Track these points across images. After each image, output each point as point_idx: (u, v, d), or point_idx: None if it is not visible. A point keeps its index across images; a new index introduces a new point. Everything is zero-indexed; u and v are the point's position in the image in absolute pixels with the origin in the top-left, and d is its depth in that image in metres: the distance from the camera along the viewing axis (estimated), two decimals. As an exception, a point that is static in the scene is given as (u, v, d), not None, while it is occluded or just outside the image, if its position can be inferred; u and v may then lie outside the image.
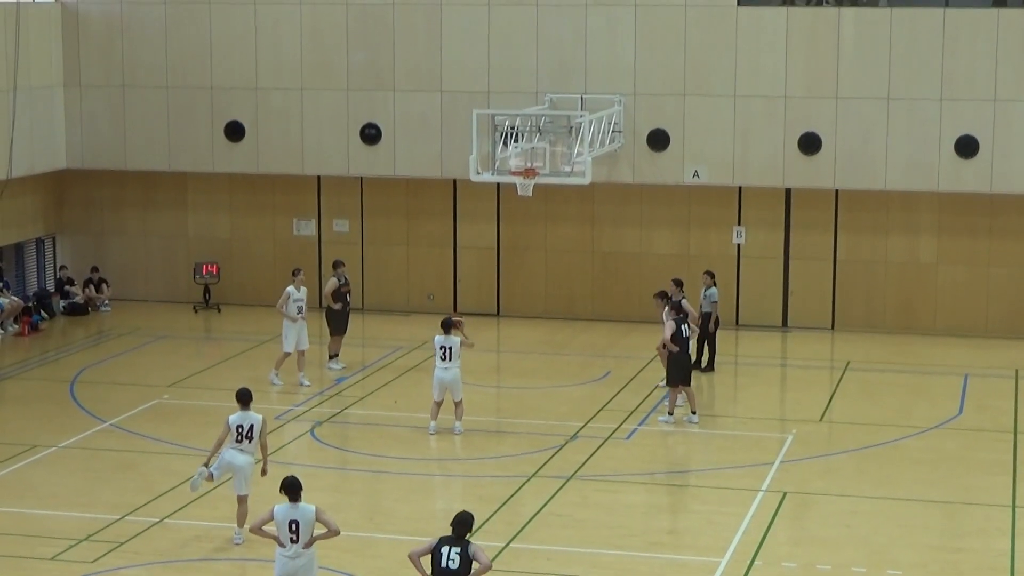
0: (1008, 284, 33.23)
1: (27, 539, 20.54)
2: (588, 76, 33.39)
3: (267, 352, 31.81)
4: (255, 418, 20.21)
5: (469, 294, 35.58)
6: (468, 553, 15.83)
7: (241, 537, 20.34)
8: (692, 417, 26.43)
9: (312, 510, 16.85)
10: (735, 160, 33.14)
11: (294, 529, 16.74)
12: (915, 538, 20.82)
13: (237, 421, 20.17)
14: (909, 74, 32.26)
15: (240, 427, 20.15)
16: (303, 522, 16.77)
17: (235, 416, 20.23)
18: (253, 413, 20.29)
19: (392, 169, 34.69)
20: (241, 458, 20.18)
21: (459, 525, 15.98)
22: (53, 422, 26.52)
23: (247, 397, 20.32)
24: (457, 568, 15.82)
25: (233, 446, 20.19)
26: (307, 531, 16.80)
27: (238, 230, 36.48)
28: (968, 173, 32.23)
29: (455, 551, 15.85)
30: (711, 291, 29.96)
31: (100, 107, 35.70)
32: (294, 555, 16.81)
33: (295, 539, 16.76)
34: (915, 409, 27.67)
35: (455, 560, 15.82)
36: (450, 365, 25.54)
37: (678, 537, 21.14)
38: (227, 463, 20.22)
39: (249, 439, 20.14)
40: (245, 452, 20.18)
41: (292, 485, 16.89)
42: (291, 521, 16.75)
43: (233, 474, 20.30)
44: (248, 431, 20.13)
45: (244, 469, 20.19)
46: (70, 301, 35.69)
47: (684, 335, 26.44)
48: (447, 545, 15.89)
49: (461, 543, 15.90)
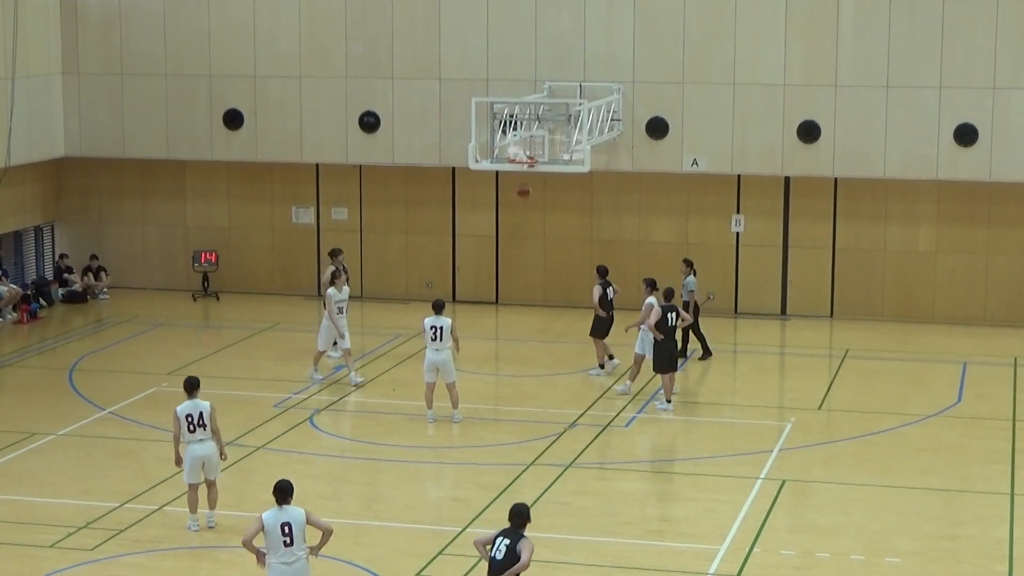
0: (1007, 272, 33.23)
1: (26, 527, 20.56)
2: (587, 64, 33.37)
3: (265, 340, 31.84)
4: (203, 405, 20.41)
5: (468, 282, 35.58)
6: (515, 547, 15.79)
7: (214, 521, 20.54)
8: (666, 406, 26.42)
9: (302, 512, 16.54)
10: (734, 148, 33.13)
11: (287, 532, 16.37)
12: (913, 526, 20.84)
13: (186, 411, 20.37)
14: (908, 62, 32.24)
15: (189, 416, 20.33)
16: (295, 524, 16.43)
17: (182, 407, 20.42)
18: (201, 401, 20.46)
19: (391, 157, 34.68)
20: (205, 447, 20.43)
21: (514, 516, 16.01)
22: (51, 410, 26.52)
23: (194, 385, 20.55)
24: (502, 559, 15.84)
25: (191, 439, 20.36)
26: (299, 533, 16.44)
27: (237, 218, 36.46)
28: (967, 161, 32.22)
29: (504, 543, 15.88)
30: (689, 279, 30.01)
31: (99, 95, 35.68)
32: (290, 560, 16.39)
33: (289, 542, 16.35)
34: (914, 397, 27.68)
35: (501, 551, 15.86)
36: (441, 346, 25.52)
37: (676, 525, 21.14)
38: (196, 458, 20.42)
39: (203, 426, 20.35)
40: (204, 441, 20.39)
41: (284, 489, 16.63)
42: (283, 524, 16.41)
43: (206, 462, 20.47)
44: (199, 419, 20.34)
45: (211, 456, 20.47)
46: (68, 289, 35.69)
47: (670, 323, 26.46)
48: (501, 536, 15.94)
49: (513, 536, 15.87)
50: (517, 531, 15.93)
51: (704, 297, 34.19)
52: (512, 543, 15.81)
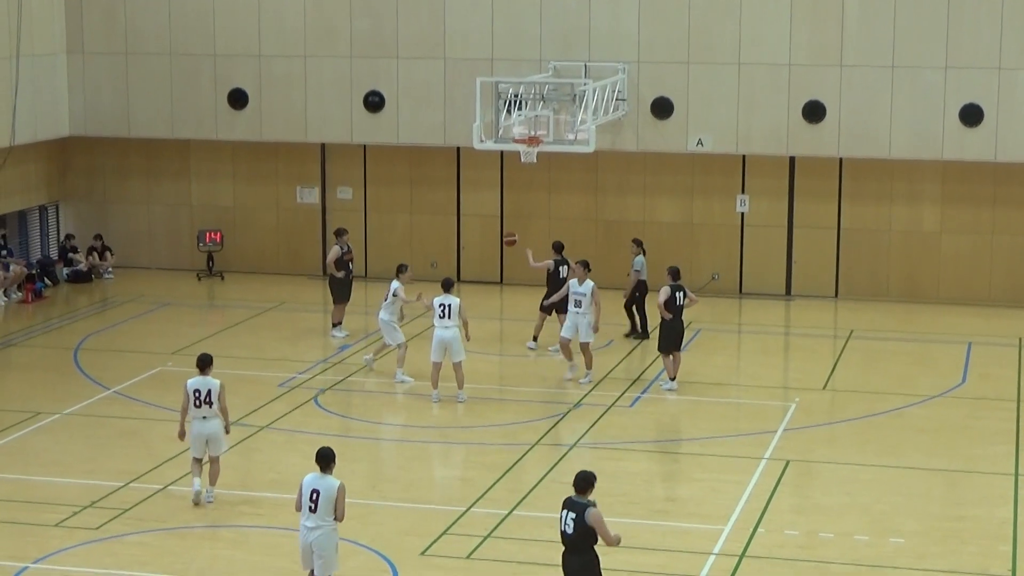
0: (1012, 253, 33.21)
1: (31, 506, 20.59)
2: (592, 44, 33.31)
3: (270, 320, 31.86)
4: (213, 383, 20.43)
5: (472, 262, 35.58)
6: (584, 520, 15.70)
7: (212, 496, 20.63)
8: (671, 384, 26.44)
9: (335, 485, 16.67)
10: (739, 128, 33.09)
11: (314, 499, 16.62)
12: (917, 506, 20.85)
13: (195, 386, 20.41)
14: (914, 42, 32.18)
15: (197, 391, 20.37)
16: (324, 493, 16.61)
17: (192, 381, 20.48)
18: (211, 378, 20.50)
19: (395, 137, 34.66)
20: (209, 425, 20.44)
21: (579, 482, 15.96)
22: (57, 389, 26.56)
23: (207, 362, 20.60)
24: (572, 533, 15.79)
25: (195, 415, 20.39)
26: (326, 503, 16.61)
27: (241, 198, 36.46)
28: (972, 142, 32.18)
29: (571, 516, 15.81)
30: (638, 259, 30.02)
31: (103, 74, 35.65)
32: (313, 525, 16.67)
33: (313, 508, 16.61)
34: (918, 378, 27.68)
35: (570, 525, 15.81)
36: (449, 324, 25.54)
37: (681, 505, 21.16)
38: (199, 435, 20.46)
39: (209, 403, 20.37)
40: (209, 418, 20.42)
41: (323, 456, 16.81)
42: (313, 490, 16.65)
43: (210, 440, 20.50)
44: (206, 396, 20.36)
45: (216, 433, 20.49)
46: (74, 268, 35.70)
47: (678, 303, 26.43)
48: (566, 509, 15.87)
49: (578, 508, 15.79)
50: (579, 500, 15.85)
51: (709, 277, 34.26)
52: (578, 515, 15.74)
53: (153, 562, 18.68)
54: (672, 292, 26.41)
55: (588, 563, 15.88)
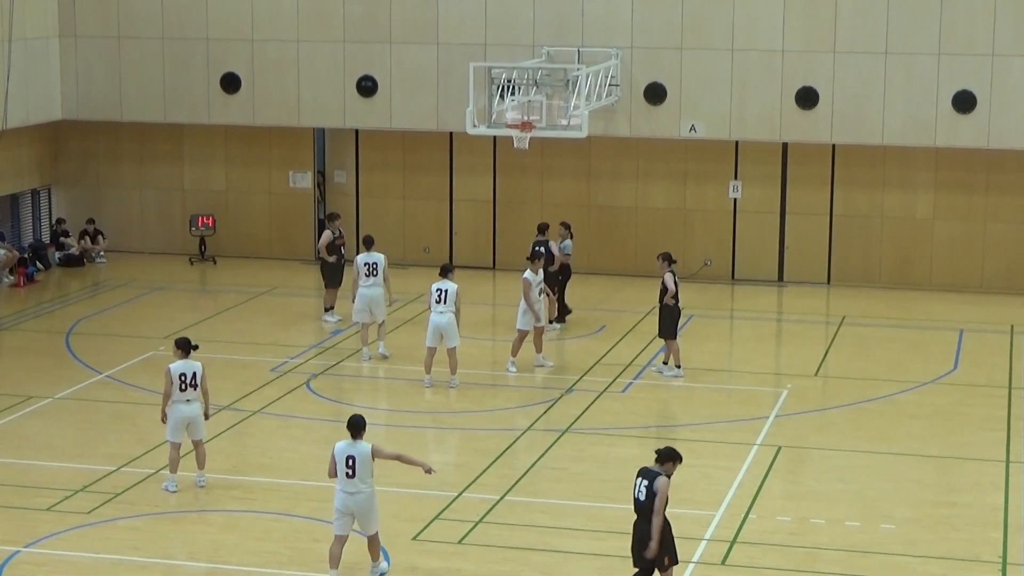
0: (1004, 240, 33.23)
1: (23, 490, 20.58)
2: (585, 29, 33.28)
3: (262, 304, 31.85)
4: (196, 366, 20.57)
5: (465, 247, 35.57)
6: (653, 488, 16.23)
7: (204, 480, 20.72)
8: (677, 371, 26.42)
9: (368, 448, 17.37)
10: (732, 114, 33.08)
11: (350, 464, 17.29)
12: (909, 493, 20.88)
13: (180, 370, 20.50)
14: (907, 28, 32.16)
15: (183, 375, 20.47)
16: (359, 458, 17.30)
17: (176, 365, 20.54)
18: (193, 361, 20.60)
19: (388, 122, 34.62)
20: (193, 408, 20.58)
21: (662, 454, 16.47)
22: (49, 373, 26.53)
23: (187, 346, 20.70)
24: (643, 501, 16.31)
25: (179, 399, 20.47)
26: (363, 467, 17.30)
27: (234, 182, 36.42)
28: (965, 128, 32.18)
29: (644, 483, 16.34)
30: (567, 243, 30.07)
31: (96, 58, 35.58)
32: (352, 490, 17.35)
33: (351, 474, 17.29)
34: (910, 364, 27.70)
35: (642, 493, 16.33)
36: (445, 309, 25.59)
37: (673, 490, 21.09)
38: (183, 418, 20.54)
39: (194, 386, 20.51)
40: (192, 401, 20.55)
41: (354, 423, 17.50)
42: (348, 456, 17.33)
43: (191, 423, 20.60)
44: (191, 379, 20.48)
45: (198, 417, 20.62)
46: (66, 253, 35.65)
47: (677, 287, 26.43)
48: (640, 477, 16.40)
49: (651, 475, 16.31)
50: (653, 469, 16.35)
51: (701, 263, 34.25)
52: (650, 482, 16.23)
53: (145, 546, 18.69)
54: (674, 277, 26.38)
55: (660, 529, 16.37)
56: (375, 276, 27.41)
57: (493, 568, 18.15)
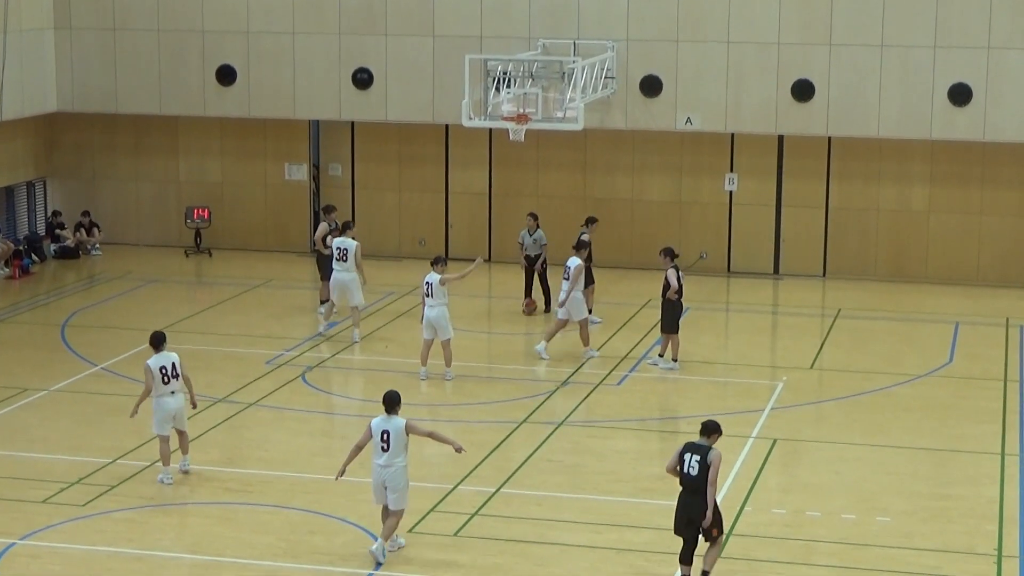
0: (999, 232, 33.24)
1: (18, 482, 20.57)
2: (581, 22, 33.26)
3: (258, 296, 31.83)
4: (173, 357, 20.63)
5: (461, 240, 35.55)
6: (707, 461, 16.59)
7: (188, 465, 20.89)
8: (672, 364, 26.43)
9: (402, 424, 17.98)
10: (728, 107, 33.07)
11: (385, 439, 17.97)
12: (904, 485, 20.89)
13: (159, 363, 20.51)
14: (903, 21, 32.15)
15: (163, 368, 20.48)
16: (393, 432, 17.94)
17: (154, 360, 20.54)
18: (169, 353, 20.66)
19: (384, 114, 34.59)
20: (177, 400, 20.65)
21: (705, 428, 16.88)
22: (44, 366, 26.52)
23: (161, 340, 20.72)
24: (696, 475, 16.66)
25: (163, 392, 20.48)
26: (397, 442, 17.92)
27: (230, 174, 36.39)
28: (961, 121, 32.17)
29: (695, 458, 16.69)
30: (539, 233, 30.17)
31: (91, 50, 35.53)
32: (385, 463, 17.98)
33: (385, 448, 17.96)
34: (905, 357, 27.71)
35: (695, 468, 16.69)
36: (434, 302, 25.57)
37: (668, 483, 21.08)
38: (169, 411, 20.58)
39: (175, 377, 20.53)
40: (176, 393, 20.61)
41: (389, 399, 18.14)
42: (383, 431, 18.00)
43: (177, 414, 20.68)
44: (172, 370, 20.51)
45: (180, 409, 20.69)
46: (61, 245, 35.63)
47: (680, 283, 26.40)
48: (689, 452, 16.75)
49: (703, 450, 16.67)
50: (702, 444, 16.73)
51: (697, 256, 34.26)
52: (703, 457, 16.60)
53: (140, 539, 18.68)
54: (677, 272, 26.35)
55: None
56: (345, 261, 27.70)
57: (489, 560, 18.15)
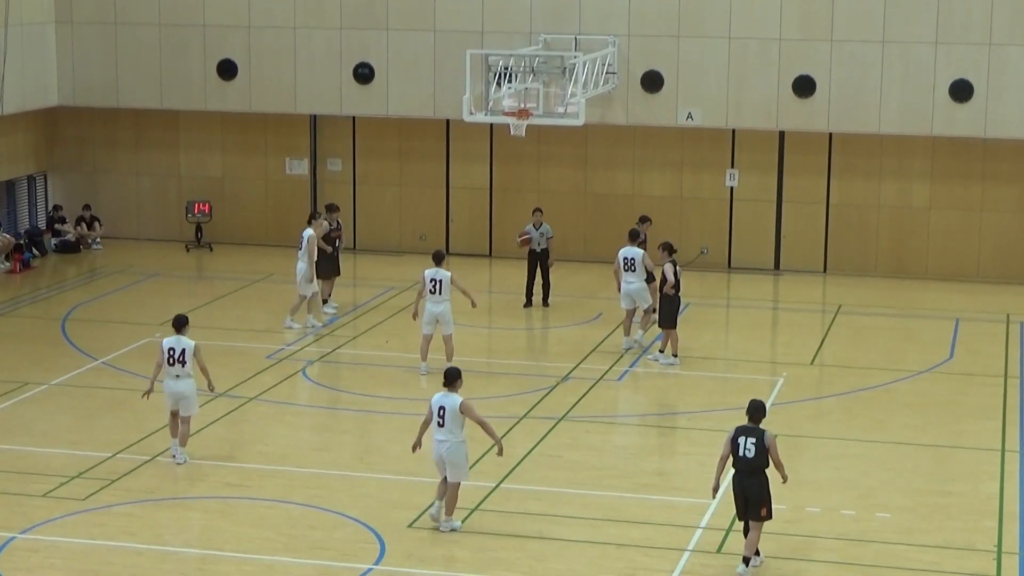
0: (1000, 229, 33.23)
1: (19, 476, 20.58)
2: (582, 17, 33.25)
3: (258, 291, 31.84)
4: (187, 343, 20.94)
5: (461, 235, 35.55)
6: (764, 443, 16.98)
7: (183, 456, 21.11)
8: (673, 360, 26.43)
9: (457, 401, 18.45)
10: (729, 102, 33.06)
11: (441, 414, 18.46)
12: (905, 482, 20.89)
13: (169, 344, 20.97)
14: (904, 17, 32.15)
15: (171, 350, 20.88)
16: (449, 409, 18.43)
17: (168, 340, 21.04)
18: (185, 338, 20.98)
19: (385, 109, 34.58)
20: (181, 384, 20.95)
21: (754, 411, 17.29)
22: (44, 360, 26.52)
23: (181, 322, 21.14)
24: (754, 457, 17.09)
25: (168, 373, 20.89)
26: (452, 418, 18.40)
27: (230, 169, 36.38)
28: (962, 117, 32.17)
29: (751, 441, 17.12)
30: (545, 227, 30.28)
31: (92, 44, 35.52)
32: (443, 439, 18.52)
33: (441, 423, 18.46)
34: (906, 353, 27.71)
35: (751, 450, 17.12)
36: (440, 299, 25.58)
37: (668, 479, 21.19)
38: (172, 394, 20.95)
39: (182, 363, 20.83)
40: (181, 377, 20.91)
41: (448, 374, 18.66)
42: (440, 407, 18.51)
43: (180, 399, 20.95)
44: (180, 355, 20.84)
45: (187, 393, 20.97)
46: (61, 239, 35.63)
47: (677, 277, 26.39)
48: (744, 435, 17.14)
49: (757, 433, 17.12)
50: (755, 427, 17.15)
51: (698, 252, 34.25)
52: (758, 439, 17.15)
53: (140, 533, 18.68)
54: (674, 267, 26.35)
55: (765, 483, 17.34)
56: (300, 249, 28.32)
57: (489, 556, 18.15)
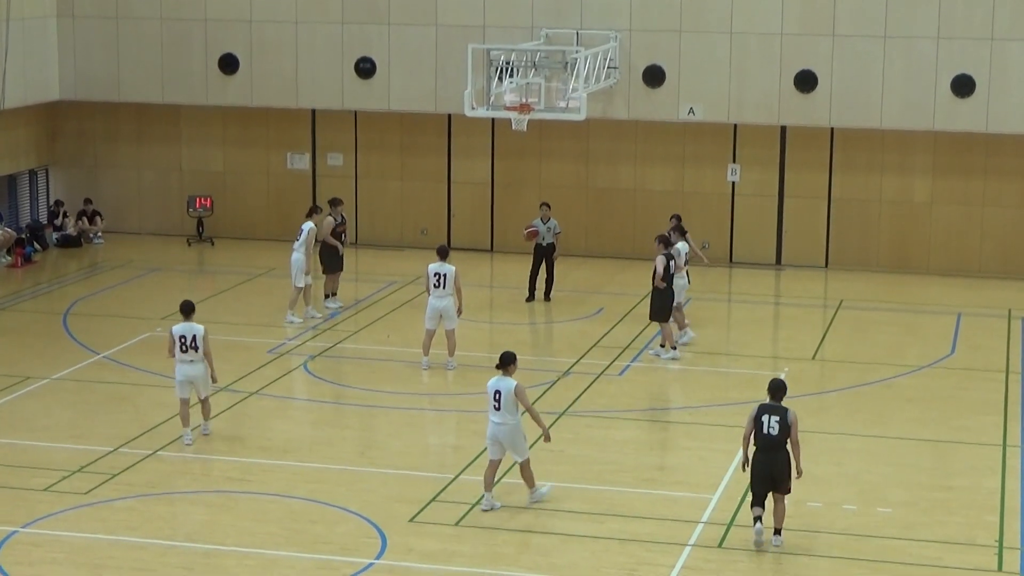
0: (1002, 224, 33.22)
1: (20, 470, 20.58)
2: (584, 11, 33.24)
3: (260, 286, 31.84)
4: (197, 328, 21.44)
5: (463, 229, 35.55)
6: (787, 421, 17.70)
7: (208, 429, 21.80)
8: (674, 353, 26.43)
9: (512, 385, 18.88)
10: (730, 97, 33.05)
11: (497, 398, 18.91)
12: (906, 476, 20.89)
13: (180, 332, 21.42)
14: (906, 12, 32.14)
15: (183, 337, 21.36)
16: (504, 392, 18.88)
17: (177, 327, 21.47)
18: (195, 324, 21.46)
19: (387, 103, 34.58)
20: (195, 368, 21.45)
21: (776, 390, 17.83)
22: (46, 354, 26.52)
23: (189, 308, 21.61)
24: (777, 435, 17.63)
25: (181, 359, 21.35)
26: (507, 401, 18.84)
27: (232, 163, 36.38)
28: (964, 112, 32.16)
29: (775, 419, 17.65)
30: (553, 222, 30.27)
31: (94, 38, 35.52)
32: (500, 421, 18.98)
33: (497, 407, 18.92)
34: (907, 348, 27.71)
35: (775, 428, 17.66)
36: (443, 293, 25.60)
37: (669, 473, 21.19)
38: (186, 378, 21.45)
39: (195, 348, 21.31)
40: (195, 362, 21.39)
41: (503, 358, 19.13)
42: (496, 390, 18.95)
43: (196, 381, 21.46)
44: (192, 341, 21.31)
45: (200, 376, 21.48)
46: (63, 233, 35.64)
47: (671, 271, 26.38)
48: (767, 413, 17.65)
49: (780, 411, 17.63)
50: (779, 405, 17.65)
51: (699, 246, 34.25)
52: (782, 418, 17.74)
53: (142, 527, 18.69)
54: (667, 261, 26.34)
55: (788, 459, 17.94)
56: (297, 240, 28.60)
57: (490, 550, 18.16)
